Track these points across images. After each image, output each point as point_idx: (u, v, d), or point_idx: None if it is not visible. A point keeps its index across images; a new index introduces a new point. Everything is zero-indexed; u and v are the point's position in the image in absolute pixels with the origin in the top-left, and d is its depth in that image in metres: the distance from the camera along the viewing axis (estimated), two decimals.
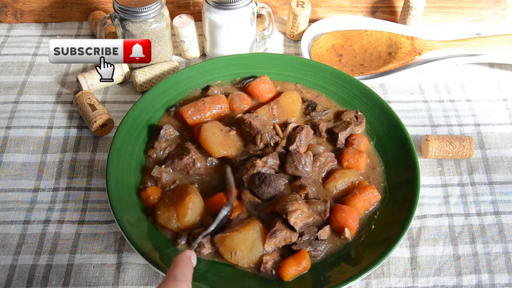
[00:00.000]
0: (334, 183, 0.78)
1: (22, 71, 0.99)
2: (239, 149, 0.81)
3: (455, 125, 0.93)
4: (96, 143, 0.87)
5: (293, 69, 0.93)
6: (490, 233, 0.78)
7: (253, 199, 0.74)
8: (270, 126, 0.83)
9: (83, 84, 0.92)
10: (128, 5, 0.87)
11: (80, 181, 0.82)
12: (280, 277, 0.68)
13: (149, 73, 0.94)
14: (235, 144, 0.81)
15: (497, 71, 1.03)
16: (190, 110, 0.84)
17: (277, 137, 0.81)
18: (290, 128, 0.82)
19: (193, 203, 0.72)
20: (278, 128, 0.83)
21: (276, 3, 1.10)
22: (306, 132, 0.81)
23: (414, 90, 0.99)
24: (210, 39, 0.98)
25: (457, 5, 1.11)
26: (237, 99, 0.88)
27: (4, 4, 1.05)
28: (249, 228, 0.70)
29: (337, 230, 0.73)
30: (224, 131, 0.81)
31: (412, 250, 0.76)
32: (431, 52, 1.01)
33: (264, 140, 0.80)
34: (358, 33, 1.05)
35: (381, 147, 0.84)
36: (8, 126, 0.89)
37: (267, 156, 0.77)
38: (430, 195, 0.82)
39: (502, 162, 0.87)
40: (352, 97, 0.90)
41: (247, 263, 0.69)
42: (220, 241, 0.70)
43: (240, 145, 0.81)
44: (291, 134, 0.81)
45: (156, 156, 0.81)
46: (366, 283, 0.72)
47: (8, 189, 0.81)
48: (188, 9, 1.08)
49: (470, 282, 0.73)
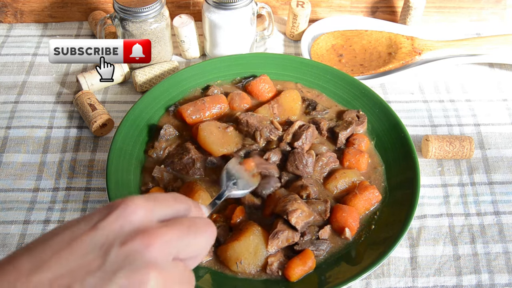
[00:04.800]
0: (335, 183, 0.78)
1: (22, 71, 0.99)
2: (238, 144, 0.81)
3: (455, 125, 0.93)
4: (96, 143, 0.87)
5: (293, 69, 0.93)
6: (490, 233, 0.78)
7: (252, 201, 0.74)
8: (267, 122, 0.82)
9: (83, 84, 0.92)
10: (128, 5, 0.87)
11: (80, 181, 0.82)
12: (286, 277, 0.68)
13: (149, 73, 0.94)
14: (234, 140, 0.81)
15: (497, 71, 1.03)
16: (189, 109, 0.84)
17: (276, 131, 0.81)
18: (297, 126, 0.81)
19: (202, 200, 0.72)
20: (276, 122, 0.83)
21: (276, 3, 1.10)
22: (312, 131, 0.81)
23: (414, 90, 0.99)
24: (210, 39, 0.98)
25: (457, 5, 1.11)
26: (237, 98, 0.88)
27: (4, 4, 1.05)
28: (249, 233, 0.69)
29: (337, 230, 0.73)
30: (221, 129, 0.81)
31: (412, 250, 0.76)
32: (431, 52, 1.01)
33: (264, 135, 0.80)
34: (358, 33, 1.05)
35: (381, 147, 0.84)
36: (8, 126, 0.89)
37: (269, 152, 0.77)
38: (430, 195, 0.82)
39: (502, 162, 0.87)
40: (352, 97, 0.90)
41: (254, 269, 0.68)
42: (222, 252, 0.69)
43: (238, 140, 0.82)
44: (297, 131, 0.81)
45: (156, 156, 0.81)
46: (366, 283, 0.72)
47: (8, 189, 0.81)
48: (188, 9, 1.08)
49: (470, 282, 0.73)
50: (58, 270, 0.37)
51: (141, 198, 0.42)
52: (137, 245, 0.39)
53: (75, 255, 0.38)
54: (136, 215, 0.41)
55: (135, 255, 0.38)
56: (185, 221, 0.44)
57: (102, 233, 0.39)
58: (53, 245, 0.39)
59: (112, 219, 0.40)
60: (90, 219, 0.40)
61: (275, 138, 0.81)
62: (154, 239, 0.39)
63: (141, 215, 0.41)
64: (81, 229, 0.39)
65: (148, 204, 0.42)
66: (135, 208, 0.41)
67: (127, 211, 0.40)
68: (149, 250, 0.39)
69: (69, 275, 0.37)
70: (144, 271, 0.38)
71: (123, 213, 0.40)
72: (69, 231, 0.40)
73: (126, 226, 0.40)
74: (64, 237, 0.39)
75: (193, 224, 0.44)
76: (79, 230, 0.39)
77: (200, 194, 0.73)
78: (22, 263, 0.37)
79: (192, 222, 0.44)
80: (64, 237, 0.39)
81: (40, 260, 0.37)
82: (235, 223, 0.72)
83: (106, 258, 0.38)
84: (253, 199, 0.74)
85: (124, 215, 0.40)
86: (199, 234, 0.44)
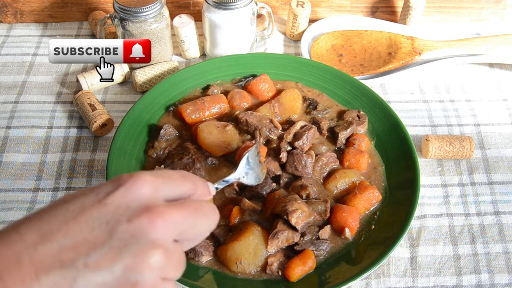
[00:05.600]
0: (335, 183, 0.78)
1: (22, 71, 0.99)
2: (238, 142, 0.81)
3: (455, 125, 0.93)
4: (96, 143, 0.87)
5: (293, 69, 0.93)
6: (490, 233, 0.78)
7: (252, 207, 0.74)
8: (266, 121, 0.82)
9: (83, 84, 0.92)
10: (128, 5, 0.87)
11: (80, 181, 0.82)
12: (286, 277, 0.68)
13: (149, 73, 0.94)
14: (234, 138, 0.81)
15: (497, 71, 1.03)
16: (189, 109, 0.84)
17: (276, 130, 0.81)
18: (298, 126, 0.81)
19: None
20: (275, 121, 0.83)
21: (276, 3, 1.10)
22: (313, 133, 0.81)
23: (414, 90, 0.99)
24: (210, 39, 0.98)
25: (457, 5, 1.11)
26: (237, 96, 0.88)
27: (4, 4, 1.05)
28: (249, 234, 0.69)
29: (337, 230, 0.73)
30: (220, 128, 0.81)
31: (412, 250, 0.76)
32: (431, 52, 1.01)
33: (263, 134, 0.80)
34: (358, 33, 1.05)
35: (381, 147, 0.84)
36: (8, 126, 0.89)
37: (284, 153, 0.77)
38: (430, 195, 0.82)
39: (502, 162, 0.87)
40: (352, 97, 0.90)
41: (254, 269, 0.68)
42: (222, 253, 0.69)
43: (238, 138, 0.82)
44: (298, 131, 0.81)
45: (156, 156, 0.81)
46: (366, 283, 0.72)
47: (8, 189, 0.81)
48: (188, 9, 1.08)
49: (470, 282, 0.73)
50: (64, 243, 0.37)
51: (149, 174, 0.42)
52: (143, 223, 0.39)
53: (81, 228, 0.38)
54: (143, 191, 0.41)
55: (141, 233, 0.38)
56: (192, 203, 0.44)
57: (109, 208, 0.39)
58: (60, 216, 0.39)
59: (119, 194, 0.40)
60: (98, 192, 0.40)
61: (275, 137, 0.81)
62: (160, 218, 0.39)
63: (148, 192, 0.41)
64: (89, 202, 0.39)
65: (156, 180, 0.42)
66: (142, 184, 0.41)
67: (134, 187, 0.40)
68: (155, 229, 0.39)
69: (74, 249, 0.37)
70: (149, 251, 0.38)
71: (130, 188, 0.40)
72: (77, 202, 0.40)
73: (133, 202, 0.40)
74: (71, 208, 0.39)
75: (199, 207, 0.44)
76: (87, 202, 0.39)
77: None
78: (29, 233, 0.38)
79: (199, 205, 0.44)
80: (72, 209, 0.39)
81: (47, 231, 0.38)
82: (234, 224, 0.72)
83: (112, 234, 0.38)
84: (253, 205, 0.74)
85: (131, 191, 0.40)
86: (203, 218, 0.44)
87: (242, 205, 0.74)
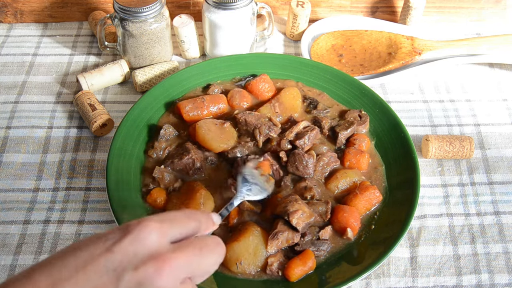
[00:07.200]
0: (336, 183, 0.78)
1: (22, 71, 0.99)
2: (236, 140, 0.81)
3: (455, 125, 0.93)
4: (96, 143, 0.87)
5: (293, 69, 0.93)
6: (490, 233, 0.78)
7: (251, 208, 0.74)
8: (265, 119, 0.82)
9: (83, 84, 0.92)
10: (128, 5, 0.87)
11: (80, 181, 0.82)
12: (286, 278, 0.68)
13: (149, 73, 0.94)
14: (232, 136, 0.81)
15: (497, 71, 1.03)
16: (188, 106, 0.84)
17: (275, 128, 0.81)
18: (301, 126, 0.81)
19: (204, 198, 0.72)
20: (274, 119, 0.83)
21: (276, 3, 1.10)
22: (316, 134, 0.81)
23: (414, 90, 0.98)
24: (210, 39, 0.98)
25: (457, 5, 1.11)
26: (237, 96, 0.88)
27: (4, 4, 1.05)
28: (249, 234, 0.69)
29: (338, 230, 0.73)
30: (218, 125, 0.81)
31: (412, 250, 0.76)
32: (431, 52, 1.01)
33: (263, 132, 0.80)
34: (358, 33, 1.05)
35: (381, 147, 0.84)
36: (8, 126, 0.89)
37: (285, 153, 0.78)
38: (430, 195, 0.82)
39: (502, 162, 0.87)
40: (352, 97, 0.90)
41: (254, 269, 0.68)
42: None
43: (236, 135, 0.82)
44: (301, 131, 0.81)
45: (156, 156, 0.81)
46: (366, 283, 0.72)
47: (8, 189, 0.81)
48: (188, 9, 1.08)
49: (470, 282, 0.73)
50: None
51: (156, 221, 0.44)
52: (149, 271, 0.41)
53: (90, 276, 0.40)
54: (150, 239, 0.43)
55: (147, 281, 0.41)
56: (197, 243, 0.46)
57: (117, 256, 0.41)
58: (70, 264, 0.41)
59: (127, 242, 0.42)
60: (106, 239, 0.42)
61: (274, 135, 0.81)
62: (166, 265, 0.41)
63: (155, 239, 0.43)
64: (97, 250, 0.41)
65: (162, 226, 0.44)
66: (149, 232, 0.43)
67: (141, 234, 0.42)
68: (161, 277, 0.41)
69: None
70: None
71: (138, 236, 0.42)
72: (86, 250, 0.42)
73: (140, 250, 0.42)
74: (81, 256, 0.41)
75: (204, 246, 0.46)
76: (96, 250, 0.41)
77: (202, 194, 0.73)
78: (41, 280, 0.40)
79: (204, 244, 0.46)
80: (81, 257, 0.41)
81: (58, 279, 0.40)
82: (232, 224, 0.72)
83: (119, 282, 0.40)
84: (252, 207, 0.74)
85: (138, 239, 0.42)
86: (209, 255, 0.46)
87: (241, 206, 0.74)
